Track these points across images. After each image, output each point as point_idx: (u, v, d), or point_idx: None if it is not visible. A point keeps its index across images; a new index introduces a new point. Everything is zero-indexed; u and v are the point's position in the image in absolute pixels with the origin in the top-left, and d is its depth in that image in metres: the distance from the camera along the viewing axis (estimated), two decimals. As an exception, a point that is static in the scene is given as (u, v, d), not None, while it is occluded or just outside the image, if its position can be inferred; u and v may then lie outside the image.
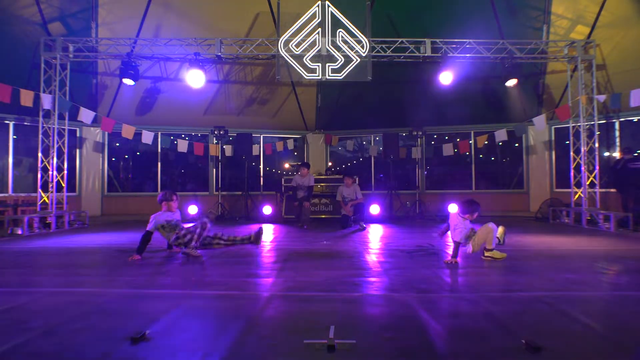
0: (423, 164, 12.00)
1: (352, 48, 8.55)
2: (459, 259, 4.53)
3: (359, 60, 8.54)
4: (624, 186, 8.42)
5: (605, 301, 3.02)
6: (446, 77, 8.82)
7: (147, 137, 10.35)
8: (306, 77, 8.69)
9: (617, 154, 9.62)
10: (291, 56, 8.58)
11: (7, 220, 7.81)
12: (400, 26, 9.99)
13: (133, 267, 4.29)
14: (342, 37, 8.52)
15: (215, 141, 11.37)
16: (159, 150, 11.59)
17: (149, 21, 9.67)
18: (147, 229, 4.81)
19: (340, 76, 8.61)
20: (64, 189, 9.00)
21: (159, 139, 11.22)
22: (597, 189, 8.82)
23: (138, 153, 12.17)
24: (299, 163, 10.33)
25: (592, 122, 8.85)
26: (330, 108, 11.91)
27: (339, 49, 8.54)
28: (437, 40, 8.73)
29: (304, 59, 8.56)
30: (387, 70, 10.25)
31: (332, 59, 8.57)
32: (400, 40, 8.81)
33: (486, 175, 12.32)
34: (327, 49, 8.52)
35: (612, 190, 9.17)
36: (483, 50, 8.77)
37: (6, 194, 9.31)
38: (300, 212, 8.78)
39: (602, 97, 8.82)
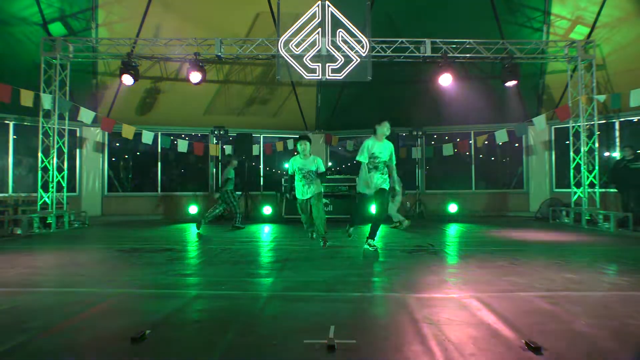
0: (423, 164, 12.00)
1: (352, 48, 8.55)
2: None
3: (359, 60, 8.54)
4: (625, 186, 8.42)
5: (605, 301, 3.02)
6: (446, 79, 8.79)
7: (147, 137, 10.34)
8: (306, 77, 8.69)
9: (616, 154, 9.62)
10: (291, 56, 8.57)
11: (7, 220, 7.80)
12: (400, 26, 9.99)
13: (133, 267, 4.29)
14: (342, 37, 8.51)
15: (215, 141, 11.36)
16: (159, 150, 11.59)
17: (149, 21, 9.66)
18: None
19: (340, 76, 8.61)
20: (64, 189, 9.00)
21: (159, 139, 11.21)
22: (597, 189, 8.82)
23: (138, 153, 12.17)
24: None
25: (592, 122, 8.84)
26: (330, 108, 11.91)
27: (339, 49, 8.54)
28: (437, 40, 8.72)
29: (304, 59, 8.56)
30: (387, 70, 10.24)
31: (332, 59, 8.56)
32: (400, 40, 8.80)
33: (486, 175, 12.31)
34: (327, 49, 8.51)
35: (613, 190, 9.16)
36: (483, 50, 8.77)
37: (6, 194, 9.31)
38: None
39: (602, 97, 8.82)
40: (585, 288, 3.34)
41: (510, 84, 8.85)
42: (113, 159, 11.73)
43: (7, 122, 9.42)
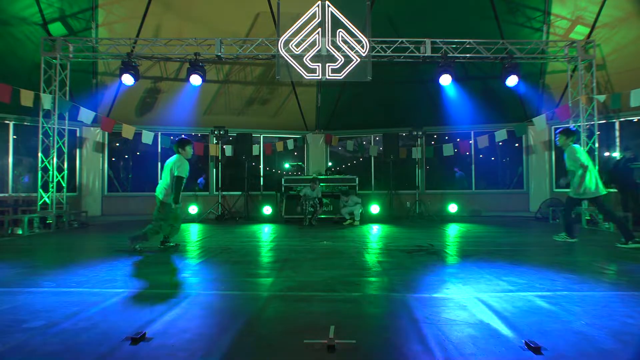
0: (423, 164, 12.00)
1: (352, 48, 8.54)
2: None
3: (359, 60, 8.54)
4: (625, 186, 8.42)
5: (605, 301, 3.02)
6: (446, 79, 8.78)
7: (147, 137, 10.34)
8: (306, 77, 8.69)
9: (616, 154, 9.62)
10: (291, 56, 8.57)
11: (7, 220, 7.80)
12: (400, 26, 9.99)
13: (133, 267, 4.29)
14: (342, 37, 8.52)
15: (215, 141, 11.36)
16: (159, 150, 11.59)
17: (149, 21, 9.67)
18: None
19: (340, 76, 8.61)
20: (64, 189, 9.00)
21: (159, 139, 11.21)
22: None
23: (138, 153, 12.16)
24: (299, 164, 10.35)
25: (592, 122, 8.84)
26: (330, 108, 11.91)
27: (339, 49, 8.54)
28: (437, 40, 8.73)
29: (304, 59, 8.56)
30: (387, 70, 10.25)
31: (332, 59, 8.57)
32: (400, 40, 8.80)
33: (486, 175, 12.31)
34: (327, 49, 8.51)
35: (613, 190, 9.15)
36: (483, 50, 8.77)
37: (6, 194, 9.31)
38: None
39: (602, 97, 8.82)
40: (585, 288, 3.34)
41: (511, 82, 8.83)
42: (113, 159, 11.72)
43: (7, 122, 9.42)
